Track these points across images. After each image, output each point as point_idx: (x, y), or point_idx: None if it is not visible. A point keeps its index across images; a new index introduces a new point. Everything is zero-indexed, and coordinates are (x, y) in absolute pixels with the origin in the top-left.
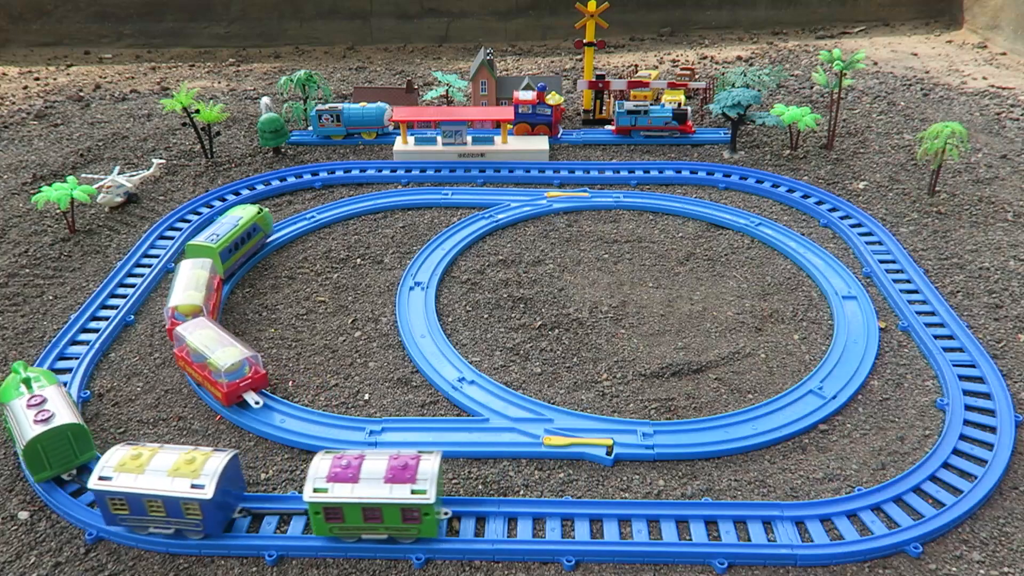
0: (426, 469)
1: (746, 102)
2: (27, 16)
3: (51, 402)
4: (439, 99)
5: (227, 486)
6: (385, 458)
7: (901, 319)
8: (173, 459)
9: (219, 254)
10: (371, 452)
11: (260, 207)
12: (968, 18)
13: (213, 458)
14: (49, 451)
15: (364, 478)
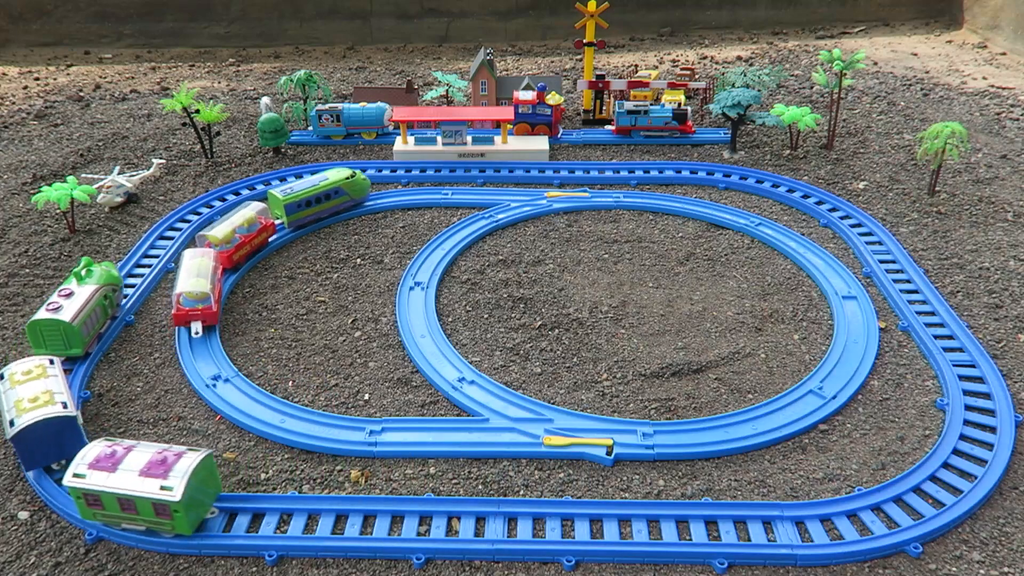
0: (181, 467)
1: (746, 102)
2: (27, 16)
3: (72, 298)
4: (439, 99)
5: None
6: (151, 452)
7: (901, 319)
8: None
9: (284, 206)
10: (146, 445)
11: (355, 172)
12: (968, 18)
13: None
14: (46, 335)
15: (122, 469)
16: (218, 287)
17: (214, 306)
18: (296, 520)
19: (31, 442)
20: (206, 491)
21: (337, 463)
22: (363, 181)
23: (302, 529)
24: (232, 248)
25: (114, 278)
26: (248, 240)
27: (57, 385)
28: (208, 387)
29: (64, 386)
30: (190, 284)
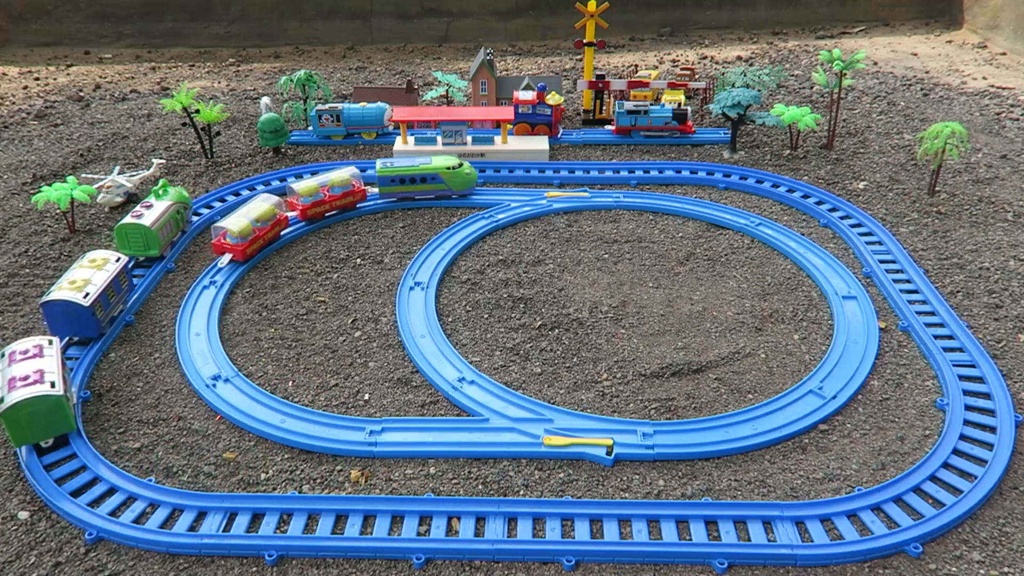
0: (18, 393)
1: (746, 102)
2: (27, 16)
3: (151, 209)
4: (439, 99)
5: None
6: (31, 370)
7: (901, 319)
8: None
9: (379, 177)
10: (47, 365)
11: (463, 163)
12: (968, 18)
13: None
14: (131, 237)
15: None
16: (260, 233)
17: (247, 248)
18: (296, 520)
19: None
20: (41, 423)
21: (337, 463)
22: (465, 174)
23: (302, 529)
24: (247, 242)
25: (184, 198)
26: (331, 200)
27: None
28: (208, 387)
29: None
30: (236, 223)
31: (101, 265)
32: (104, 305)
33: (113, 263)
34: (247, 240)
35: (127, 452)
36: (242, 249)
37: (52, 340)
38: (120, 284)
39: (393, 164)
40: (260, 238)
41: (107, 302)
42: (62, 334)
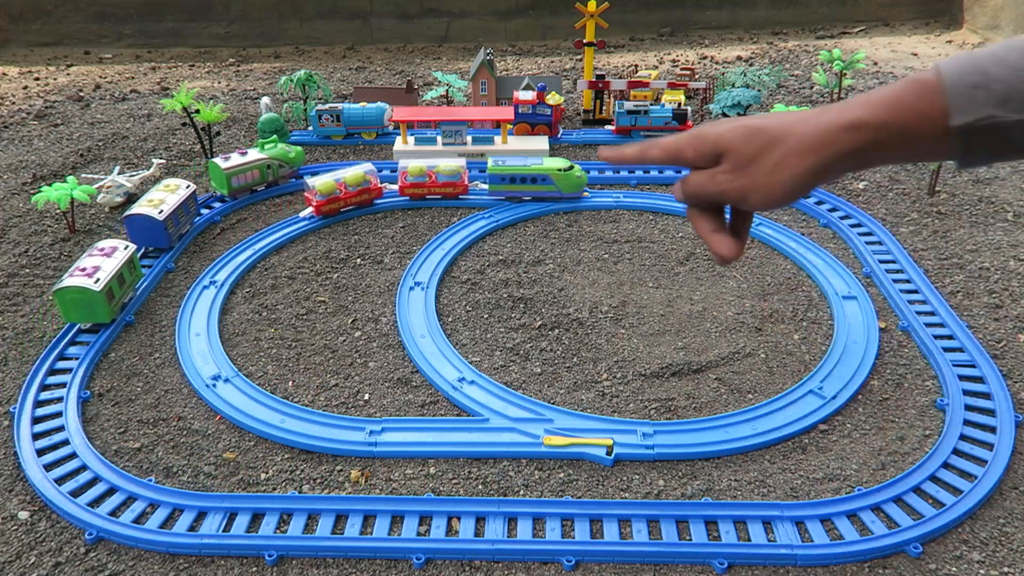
0: (67, 280)
1: (746, 102)
2: (27, 16)
3: (244, 157)
4: (439, 99)
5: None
6: (91, 264)
7: (901, 319)
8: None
9: (489, 175)
10: (105, 263)
11: (574, 165)
12: (968, 18)
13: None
14: (213, 175)
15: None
16: (344, 196)
17: (324, 205)
18: (296, 520)
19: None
20: (82, 309)
21: (337, 463)
22: (575, 178)
23: (302, 529)
24: (326, 199)
25: (283, 155)
26: (346, 196)
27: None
28: (208, 387)
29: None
30: (323, 180)
31: (174, 190)
32: (175, 222)
33: (183, 189)
34: (327, 198)
35: (127, 452)
36: (319, 205)
37: (128, 247)
38: (188, 207)
39: (505, 163)
40: (343, 200)
41: (177, 220)
42: (140, 244)
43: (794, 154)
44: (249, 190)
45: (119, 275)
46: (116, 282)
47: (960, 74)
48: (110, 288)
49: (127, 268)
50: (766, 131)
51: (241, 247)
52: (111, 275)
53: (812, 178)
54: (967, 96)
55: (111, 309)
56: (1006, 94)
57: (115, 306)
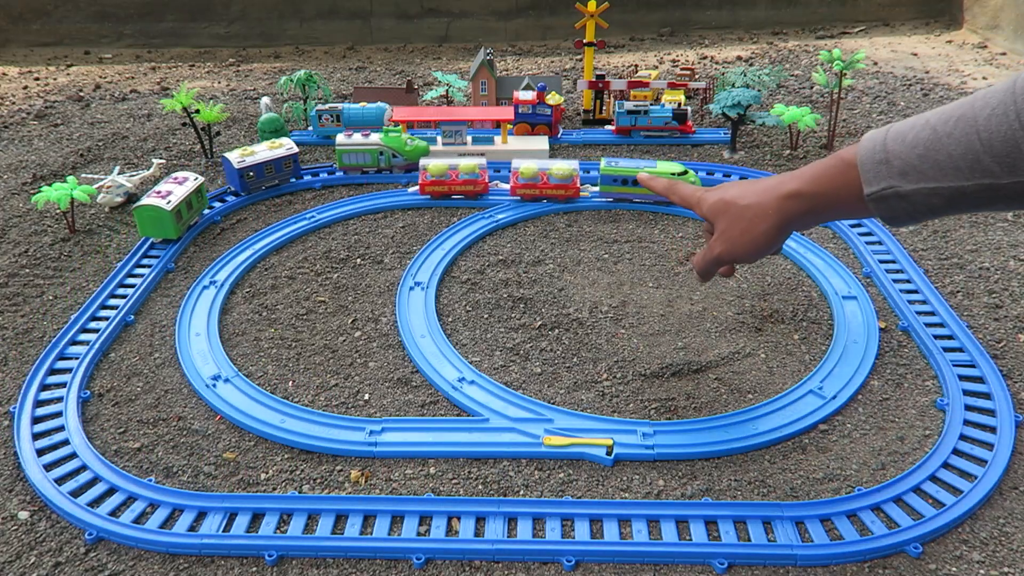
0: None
1: (746, 102)
2: (27, 16)
3: (369, 137)
4: (439, 99)
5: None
6: (167, 188)
7: (901, 319)
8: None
9: (601, 175)
10: (177, 189)
11: (688, 171)
12: (968, 18)
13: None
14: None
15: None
16: (451, 182)
17: (429, 186)
18: (296, 520)
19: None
20: (155, 226)
21: (337, 463)
22: (689, 183)
23: (302, 529)
24: (432, 180)
25: (399, 145)
26: (451, 183)
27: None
28: (208, 387)
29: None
30: (435, 163)
31: (276, 147)
32: (258, 174)
33: (284, 149)
34: (432, 179)
35: (127, 452)
36: (423, 184)
37: (198, 178)
38: (283, 166)
39: (618, 164)
40: (448, 185)
41: (261, 172)
42: (229, 183)
43: (757, 220)
44: (360, 171)
45: (188, 200)
46: (184, 206)
47: (870, 152)
48: (179, 210)
49: (195, 196)
50: (735, 203)
51: (241, 247)
52: (180, 199)
53: (774, 237)
54: (874, 171)
55: (178, 228)
56: (903, 168)
57: (182, 226)
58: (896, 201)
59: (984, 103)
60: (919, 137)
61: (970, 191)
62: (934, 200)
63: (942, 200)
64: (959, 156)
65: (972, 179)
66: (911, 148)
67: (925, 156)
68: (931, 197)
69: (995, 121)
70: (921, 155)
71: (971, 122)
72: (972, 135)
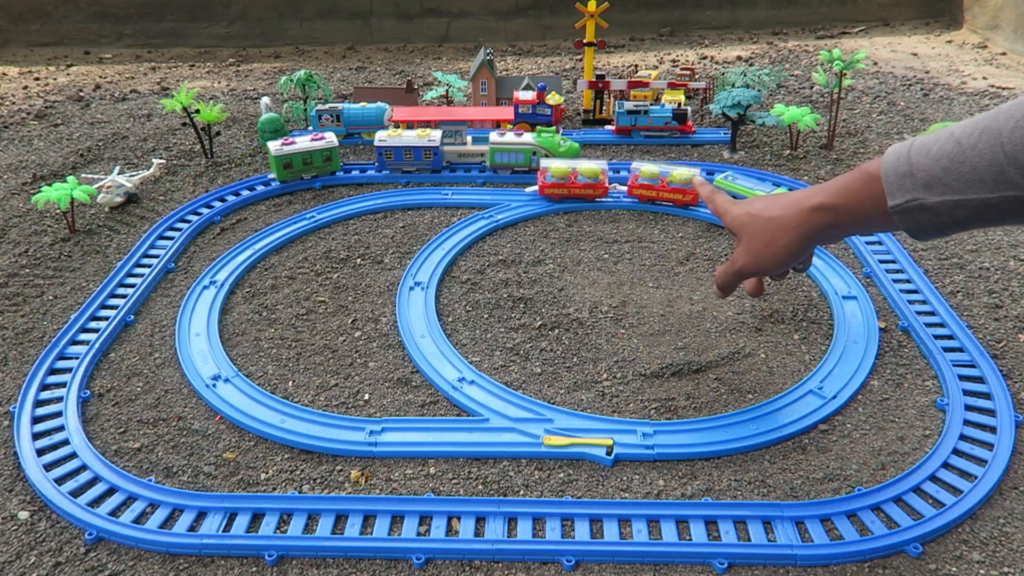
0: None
1: (746, 102)
2: (27, 16)
3: (521, 136)
4: (439, 99)
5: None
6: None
7: (901, 319)
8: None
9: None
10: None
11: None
12: (968, 18)
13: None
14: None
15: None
16: (571, 185)
17: (548, 187)
18: (296, 520)
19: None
20: (274, 167)
21: (337, 463)
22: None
23: (302, 529)
24: (550, 182)
25: (552, 146)
26: (568, 186)
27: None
28: (208, 387)
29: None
30: (556, 164)
31: (424, 135)
32: (396, 156)
33: (427, 140)
34: (551, 181)
35: (127, 452)
36: (542, 185)
37: (332, 139)
38: (423, 155)
39: (704, 174)
40: (567, 188)
41: (399, 155)
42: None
43: (780, 232)
44: (510, 169)
45: (306, 154)
46: (299, 157)
47: (894, 164)
48: (290, 160)
49: (318, 153)
50: (760, 216)
51: (241, 247)
52: (297, 151)
53: (796, 248)
54: (898, 183)
55: (282, 173)
56: (928, 180)
57: (290, 175)
58: (921, 213)
59: (1008, 115)
60: (943, 150)
61: (995, 203)
62: (959, 212)
63: (967, 212)
64: (983, 168)
65: (997, 191)
66: (935, 161)
67: (949, 168)
68: (956, 209)
69: (1019, 134)
70: (945, 167)
71: (995, 135)
72: (996, 147)
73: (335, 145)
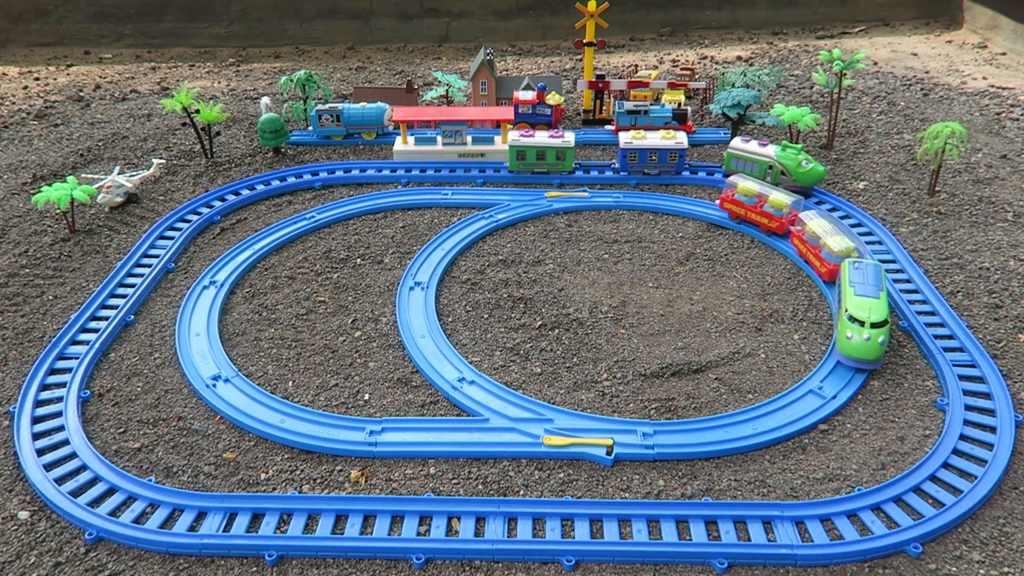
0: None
1: (746, 102)
2: (27, 16)
3: (765, 148)
4: (439, 99)
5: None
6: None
7: (901, 319)
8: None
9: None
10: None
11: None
12: (968, 18)
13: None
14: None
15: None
16: (754, 208)
17: (727, 201)
18: (296, 520)
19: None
20: None
21: (337, 463)
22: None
23: (302, 529)
24: (735, 199)
25: (793, 165)
26: (752, 208)
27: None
28: (208, 387)
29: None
30: (746, 183)
31: (670, 137)
32: (640, 158)
33: (674, 142)
34: (736, 199)
35: (127, 452)
36: (724, 198)
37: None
38: (668, 157)
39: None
40: (748, 210)
41: (643, 157)
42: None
43: None
44: (765, 177)
45: (541, 148)
46: (533, 150)
47: None
48: (524, 151)
49: (552, 150)
50: None
51: (241, 247)
52: (533, 144)
53: None
54: None
55: (516, 164)
56: None
57: (521, 166)
58: None
59: None
60: None
61: None
62: None
63: None
64: None
65: None
66: None
67: None
68: None
69: None
70: None
71: None
72: None
73: (571, 145)
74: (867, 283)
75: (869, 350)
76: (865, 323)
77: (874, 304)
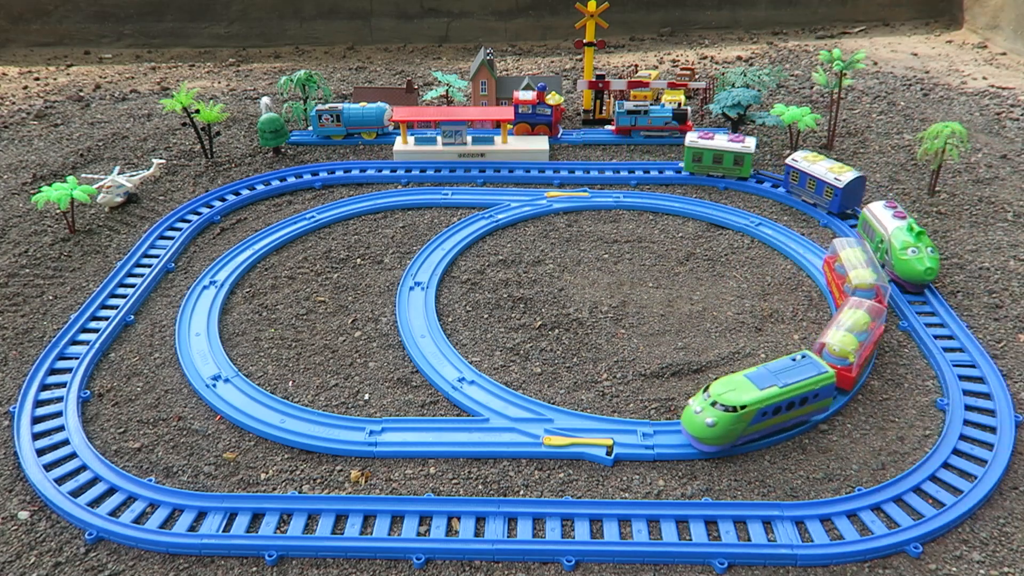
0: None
1: (746, 102)
2: (27, 16)
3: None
4: (439, 99)
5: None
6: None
7: (901, 319)
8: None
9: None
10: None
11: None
12: (968, 18)
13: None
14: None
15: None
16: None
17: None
18: (296, 520)
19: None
20: None
21: (337, 463)
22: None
23: (302, 529)
24: (835, 270)
25: None
26: (837, 280)
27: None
28: (208, 387)
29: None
30: (859, 273)
31: (836, 170)
32: (800, 181)
33: (834, 177)
34: (835, 270)
35: (127, 452)
36: (828, 260)
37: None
38: (824, 191)
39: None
40: (835, 282)
41: (803, 182)
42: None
43: None
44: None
45: (719, 152)
46: (711, 153)
47: None
48: (701, 154)
49: (730, 155)
50: None
51: (241, 247)
52: (711, 147)
53: None
54: None
55: (692, 166)
56: None
57: (696, 168)
58: None
59: None
60: None
61: None
62: None
63: None
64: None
65: None
66: None
67: None
68: None
69: None
70: None
71: None
72: None
73: (751, 151)
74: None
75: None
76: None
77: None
